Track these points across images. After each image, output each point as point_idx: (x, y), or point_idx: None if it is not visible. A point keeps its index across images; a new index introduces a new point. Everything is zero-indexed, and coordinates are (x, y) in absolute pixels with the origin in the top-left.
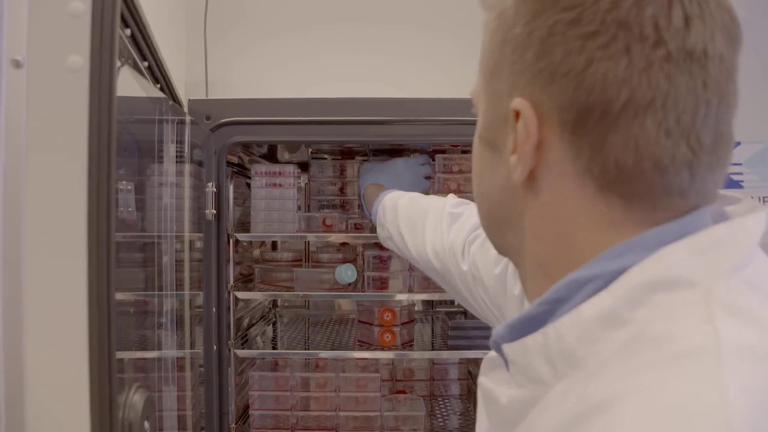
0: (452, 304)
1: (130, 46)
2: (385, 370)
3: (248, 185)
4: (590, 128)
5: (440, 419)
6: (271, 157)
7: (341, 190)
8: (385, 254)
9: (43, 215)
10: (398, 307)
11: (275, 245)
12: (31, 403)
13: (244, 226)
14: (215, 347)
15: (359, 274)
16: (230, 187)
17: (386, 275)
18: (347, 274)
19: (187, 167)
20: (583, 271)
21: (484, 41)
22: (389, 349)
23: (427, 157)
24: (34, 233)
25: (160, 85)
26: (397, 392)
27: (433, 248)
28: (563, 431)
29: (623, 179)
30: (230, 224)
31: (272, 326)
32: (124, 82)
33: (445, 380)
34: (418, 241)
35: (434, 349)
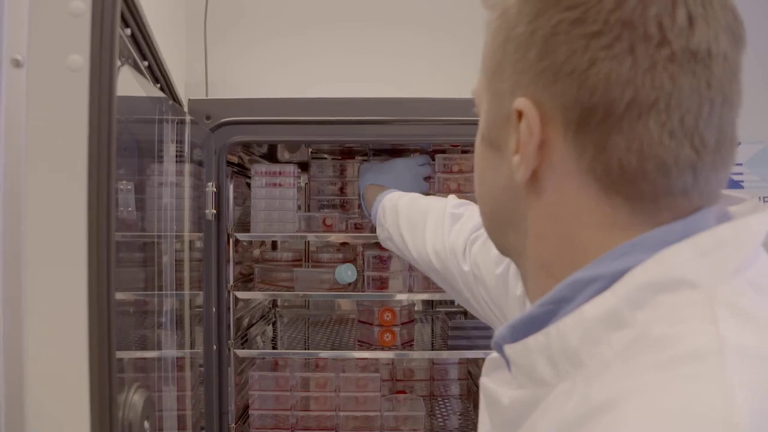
0: (452, 304)
1: (130, 45)
2: (385, 370)
3: (248, 185)
4: (593, 128)
5: (440, 419)
6: (271, 156)
7: (341, 189)
8: (385, 254)
9: (43, 215)
10: (398, 307)
11: (275, 245)
12: (31, 403)
13: (244, 225)
14: (215, 347)
15: (359, 274)
16: (230, 186)
17: (386, 275)
18: (347, 274)
19: (187, 167)
20: (586, 271)
21: (486, 40)
22: (389, 349)
23: (427, 157)
24: (34, 233)
25: (160, 84)
26: (397, 392)
27: (434, 249)
28: None
29: (627, 179)
30: (230, 224)
31: (272, 326)
32: (124, 81)
33: (445, 380)
34: (418, 241)
35: (434, 349)
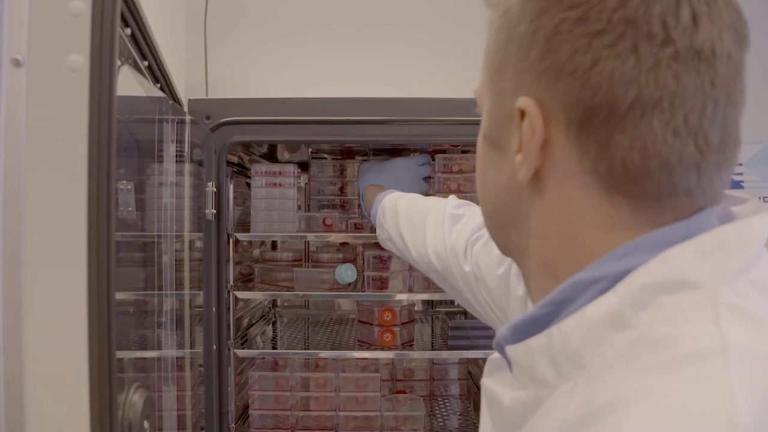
0: (452, 304)
1: (130, 45)
2: (385, 370)
3: (248, 185)
4: (596, 127)
5: (440, 419)
6: (271, 156)
7: (341, 189)
8: (385, 254)
9: (43, 215)
10: (398, 307)
11: (275, 245)
12: (31, 402)
13: (244, 225)
14: (215, 347)
15: (359, 273)
16: (230, 186)
17: (386, 275)
18: (347, 273)
19: (187, 167)
20: (588, 271)
21: (488, 39)
22: (389, 349)
23: (427, 157)
24: (34, 233)
25: (160, 84)
26: (397, 392)
27: (434, 249)
28: None
29: (630, 179)
30: (230, 224)
31: (272, 326)
32: (124, 81)
33: (445, 380)
34: (419, 242)
35: (434, 349)
